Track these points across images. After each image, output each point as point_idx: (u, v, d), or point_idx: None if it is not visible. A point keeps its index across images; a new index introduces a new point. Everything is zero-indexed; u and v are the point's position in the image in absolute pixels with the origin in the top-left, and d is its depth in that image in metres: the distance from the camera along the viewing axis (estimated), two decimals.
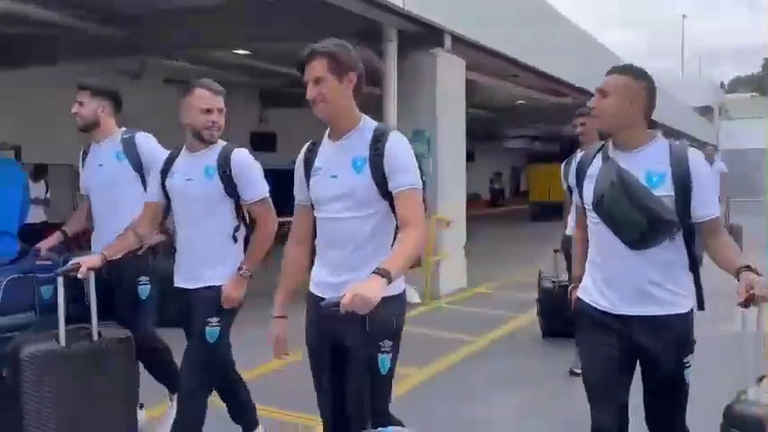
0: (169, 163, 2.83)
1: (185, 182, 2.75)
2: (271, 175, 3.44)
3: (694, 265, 2.20)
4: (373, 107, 7.79)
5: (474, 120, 22.60)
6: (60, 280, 2.59)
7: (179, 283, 2.82)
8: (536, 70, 10.45)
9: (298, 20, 7.46)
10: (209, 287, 2.70)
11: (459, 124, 7.87)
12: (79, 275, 2.61)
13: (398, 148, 2.12)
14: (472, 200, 28.36)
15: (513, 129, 27.10)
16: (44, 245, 3.33)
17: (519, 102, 14.81)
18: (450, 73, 7.56)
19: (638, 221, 2.08)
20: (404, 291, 2.21)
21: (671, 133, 21.49)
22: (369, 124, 2.18)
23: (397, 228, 2.14)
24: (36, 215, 6.68)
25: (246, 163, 2.77)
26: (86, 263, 2.63)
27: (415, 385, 4.38)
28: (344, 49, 2.10)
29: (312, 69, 2.06)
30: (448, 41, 7.51)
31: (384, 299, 1.90)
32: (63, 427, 2.53)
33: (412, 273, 6.84)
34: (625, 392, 2.23)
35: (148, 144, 3.19)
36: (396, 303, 2.13)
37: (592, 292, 2.23)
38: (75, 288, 2.75)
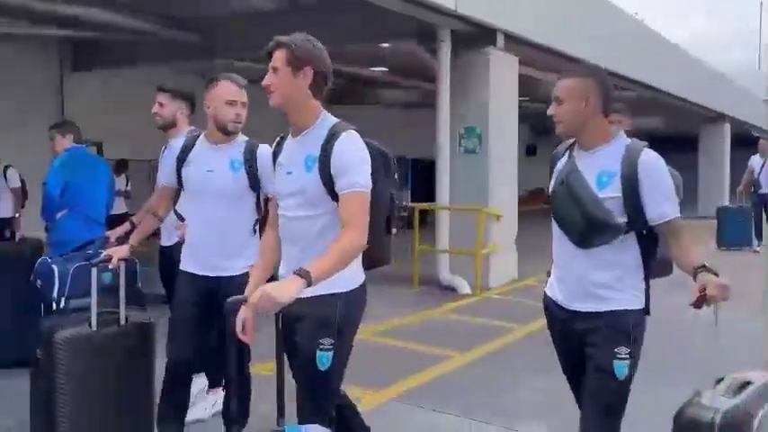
0: (185, 151, 2.88)
1: (206, 173, 2.79)
2: None
3: (647, 266, 2.18)
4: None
5: (536, 114, 22.52)
6: (94, 270, 2.74)
7: (195, 270, 2.87)
8: (593, 64, 10.37)
9: (357, 22, 7.86)
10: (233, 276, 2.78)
11: (512, 120, 8.05)
12: (110, 266, 2.79)
13: (347, 148, 2.10)
14: (536, 194, 28.28)
15: None
16: (113, 234, 3.71)
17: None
18: (502, 70, 7.75)
19: (577, 222, 2.12)
20: (357, 288, 2.21)
21: (740, 126, 20.59)
22: (327, 122, 2.18)
23: None
24: (118, 206, 7.33)
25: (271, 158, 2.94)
26: (116, 254, 2.80)
27: (456, 368, 4.68)
28: (307, 44, 2.12)
29: (273, 59, 2.11)
30: (500, 40, 7.70)
31: (322, 297, 2.04)
32: (92, 404, 2.71)
33: (462, 265, 7.22)
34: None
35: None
36: (337, 301, 2.14)
37: (553, 287, 2.30)
38: (128, 274, 2.90)
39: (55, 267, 3.25)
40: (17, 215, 7.22)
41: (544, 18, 8.50)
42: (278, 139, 2.34)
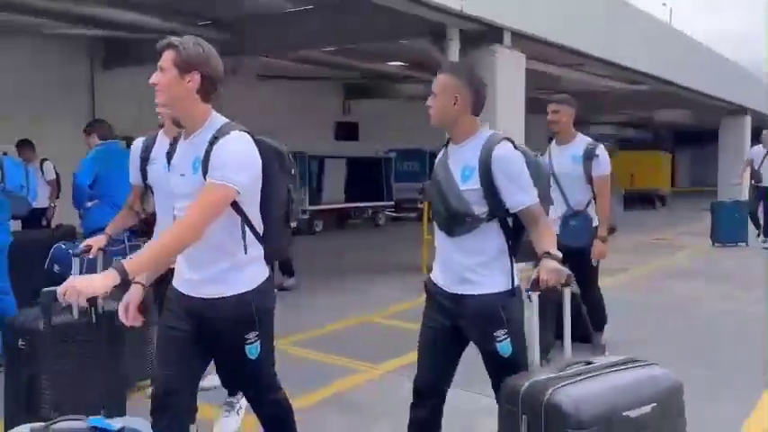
0: (147, 150, 3.10)
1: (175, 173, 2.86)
2: (353, 161, 3.91)
3: (513, 251, 2.32)
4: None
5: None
6: (76, 260, 2.83)
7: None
8: (603, 60, 10.61)
9: (372, 21, 8.22)
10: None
11: (519, 114, 8.32)
12: (90, 255, 2.91)
13: (226, 148, 2.09)
14: None
15: (601, 115, 26.63)
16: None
17: (602, 89, 14.74)
18: (509, 67, 8.04)
19: (441, 212, 2.33)
20: (263, 282, 2.28)
21: (759, 119, 20.33)
22: (215, 124, 2.17)
23: (243, 225, 2.17)
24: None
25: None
26: (96, 243, 2.94)
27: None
28: (196, 48, 2.11)
29: (162, 59, 2.12)
30: (507, 38, 7.99)
31: (233, 298, 2.15)
32: (73, 386, 2.74)
33: None
34: (445, 361, 2.44)
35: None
36: (250, 298, 2.21)
37: (435, 271, 2.46)
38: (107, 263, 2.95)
39: (71, 252, 3.38)
40: (53, 205, 7.76)
41: (551, 15, 8.75)
42: (170, 140, 2.42)
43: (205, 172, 2.09)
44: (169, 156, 2.32)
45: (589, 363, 2.07)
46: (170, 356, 2.26)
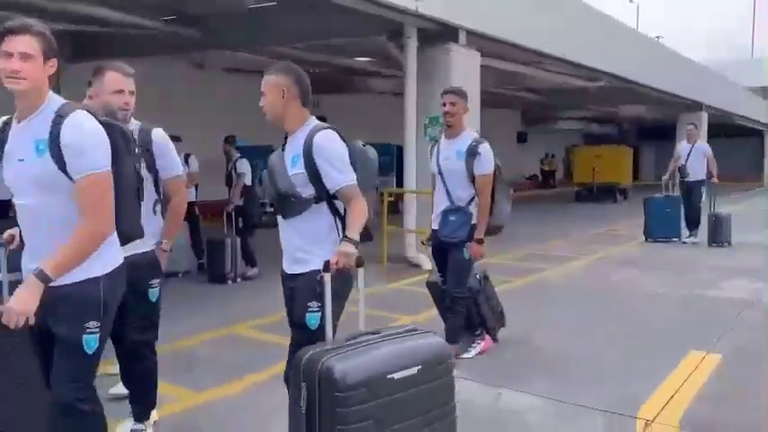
0: None
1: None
2: None
3: (343, 231, 2.50)
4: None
5: (523, 102, 23.18)
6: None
7: None
8: (558, 57, 11.06)
9: (331, 20, 8.50)
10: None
11: (474, 109, 8.64)
12: (11, 247, 2.64)
13: (77, 129, 2.05)
14: (529, 180, 28.92)
15: (566, 111, 27.28)
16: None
17: (562, 86, 15.23)
18: (464, 64, 8.41)
19: (272, 194, 2.59)
20: (116, 268, 2.23)
21: (717, 113, 21.12)
22: (53, 104, 2.13)
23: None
24: None
25: (165, 141, 3.03)
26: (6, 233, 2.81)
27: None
28: (50, 34, 2.11)
29: (21, 43, 2.01)
30: (462, 37, 8.36)
31: (82, 283, 2.08)
32: (17, 401, 2.65)
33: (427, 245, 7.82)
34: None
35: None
36: (99, 284, 2.15)
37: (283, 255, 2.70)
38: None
39: None
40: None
41: (506, 16, 9.14)
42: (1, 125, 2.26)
43: (54, 152, 2.05)
44: (1, 143, 2.20)
45: (375, 333, 2.26)
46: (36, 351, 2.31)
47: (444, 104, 4.11)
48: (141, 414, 3.05)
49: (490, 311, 4.62)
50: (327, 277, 2.34)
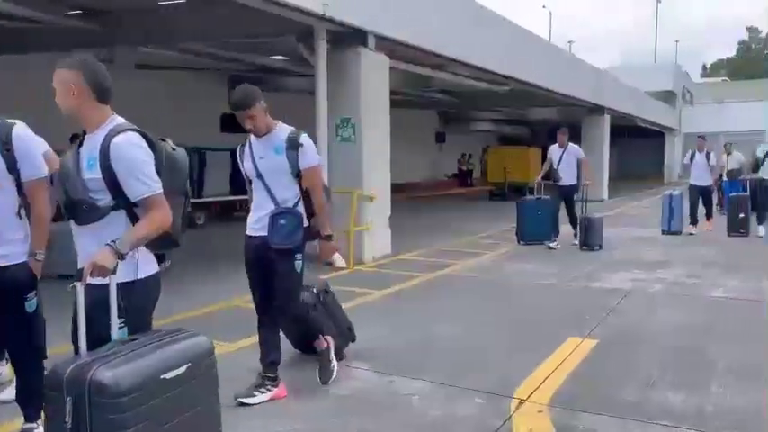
0: None
1: None
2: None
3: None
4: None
5: (441, 103, 23.85)
6: None
7: None
8: (465, 62, 11.55)
9: (239, 18, 8.50)
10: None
11: (383, 111, 8.97)
12: None
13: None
14: (453, 178, 29.66)
15: (481, 112, 28.28)
16: None
17: (468, 89, 15.77)
18: (373, 68, 8.67)
19: (62, 199, 2.37)
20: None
21: (620, 117, 22.56)
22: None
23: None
24: None
25: (28, 138, 2.92)
26: None
27: None
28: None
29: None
30: (371, 41, 8.61)
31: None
32: None
33: (341, 243, 8.29)
34: None
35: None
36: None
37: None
38: None
39: None
40: None
41: (413, 22, 9.46)
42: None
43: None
44: None
45: (134, 340, 2.22)
46: None
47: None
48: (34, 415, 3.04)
49: (331, 328, 4.30)
50: (80, 288, 2.15)
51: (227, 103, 4.13)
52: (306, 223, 3.67)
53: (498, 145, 29.81)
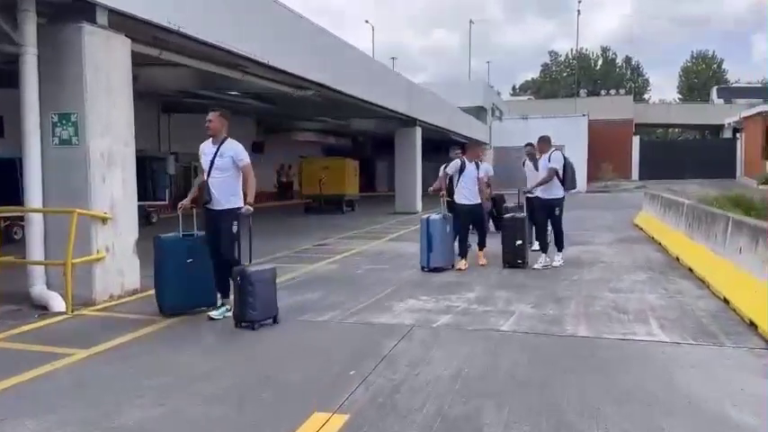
0: None
1: None
2: None
3: None
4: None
5: (259, 111, 22.05)
6: None
7: None
8: (251, 59, 10.03)
9: None
10: None
11: (123, 107, 7.02)
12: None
13: None
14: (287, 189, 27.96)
15: (302, 122, 26.90)
16: None
17: (295, 93, 14.17)
18: (105, 51, 6.73)
19: None
20: None
21: (433, 130, 22.54)
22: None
23: None
24: None
25: None
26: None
27: None
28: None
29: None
30: (103, 16, 6.68)
31: None
32: None
33: (58, 276, 6.15)
34: None
35: None
36: None
37: None
38: None
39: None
40: None
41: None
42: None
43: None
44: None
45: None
46: None
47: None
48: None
49: None
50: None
51: None
52: None
53: (314, 156, 28.66)
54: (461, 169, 8.80)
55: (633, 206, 19.91)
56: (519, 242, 8.63)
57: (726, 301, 6.28)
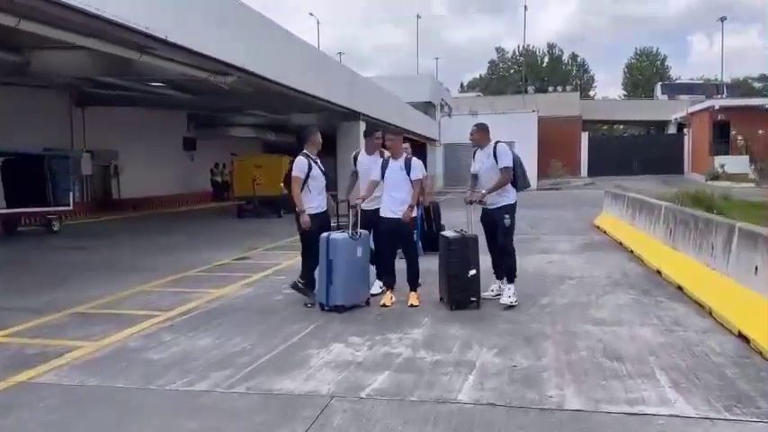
0: None
1: None
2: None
3: None
4: None
5: (188, 104, 19.90)
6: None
7: None
8: (157, 38, 8.22)
9: None
10: None
11: None
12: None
13: None
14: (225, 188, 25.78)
15: (237, 116, 24.78)
16: None
17: (213, 78, 12.16)
18: None
19: None
20: None
21: (374, 123, 21.04)
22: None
23: None
24: None
25: None
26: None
27: None
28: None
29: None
30: None
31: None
32: None
33: None
34: None
35: None
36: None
37: None
38: None
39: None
40: None
41: None
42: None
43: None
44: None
45: None
46: None
47: None
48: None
49: None
50: None
51: None
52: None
53: (251, 153, 26.61)
54: (384, 168, 6.46)
55: (587, 204, 18.92)
56: (473, 272, 6.10)
57: (743, 337, 4.87)
